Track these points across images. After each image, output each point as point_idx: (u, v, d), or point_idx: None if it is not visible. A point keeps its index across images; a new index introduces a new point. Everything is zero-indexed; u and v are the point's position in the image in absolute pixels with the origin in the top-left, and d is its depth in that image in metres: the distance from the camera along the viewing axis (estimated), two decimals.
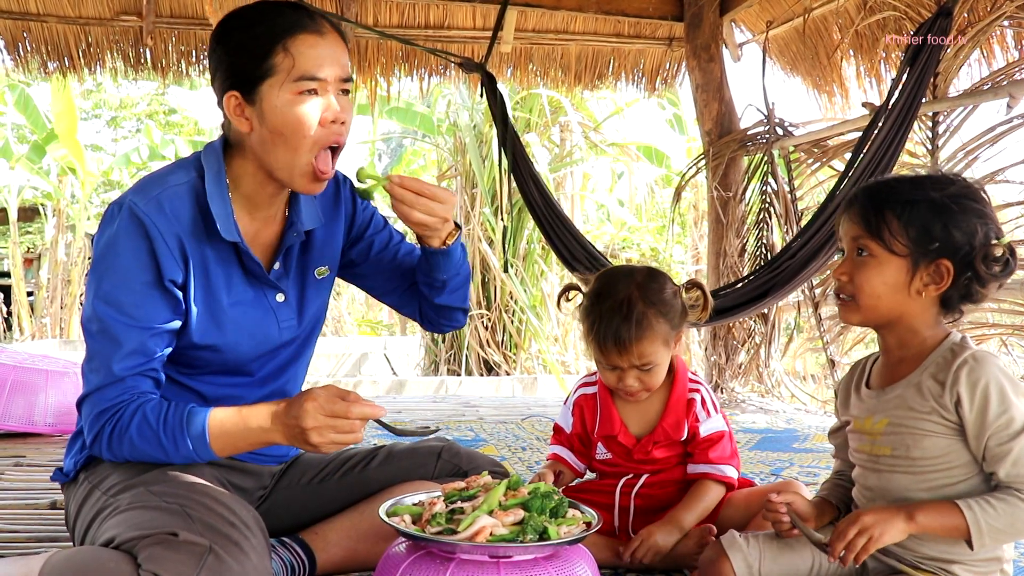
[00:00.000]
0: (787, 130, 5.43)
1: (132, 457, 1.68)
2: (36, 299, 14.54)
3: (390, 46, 5.96)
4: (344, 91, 1.71)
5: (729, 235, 5.64)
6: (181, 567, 1.43)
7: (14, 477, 3.01)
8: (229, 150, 1.78)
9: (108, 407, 1.66)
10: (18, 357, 3.97)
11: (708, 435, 2.14)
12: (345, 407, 1.55)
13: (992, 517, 1.50)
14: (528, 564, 1.51)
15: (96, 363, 1.68)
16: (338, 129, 1.69)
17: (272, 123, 1.66)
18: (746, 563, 1.72)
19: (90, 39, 5.62)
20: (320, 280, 1.93)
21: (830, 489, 1.84)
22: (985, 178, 4.25)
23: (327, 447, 1.57)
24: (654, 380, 2.09)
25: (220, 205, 1.72)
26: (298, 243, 1.87)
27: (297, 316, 1.88)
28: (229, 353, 1.80)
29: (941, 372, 1.58)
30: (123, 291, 1.66)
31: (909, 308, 1.62)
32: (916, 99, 3.89)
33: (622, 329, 2.01)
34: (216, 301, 1.76)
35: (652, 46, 6.24)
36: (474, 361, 9.07)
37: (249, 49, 1.66)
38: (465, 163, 9.25)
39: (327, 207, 1.94)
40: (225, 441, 1.65)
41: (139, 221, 1.66)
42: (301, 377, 2.02)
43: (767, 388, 5.64)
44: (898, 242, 1.59)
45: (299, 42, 1.65)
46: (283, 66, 1.64)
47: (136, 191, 1.70)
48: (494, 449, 3.69)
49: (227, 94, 1.69)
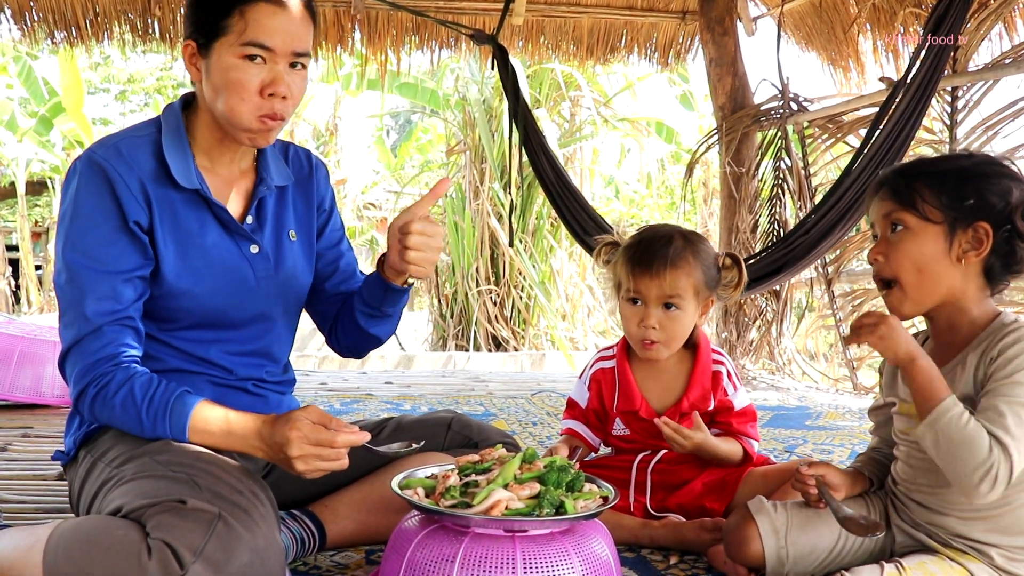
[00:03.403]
0: (801, 105, 5.36)
1: (111, 424, 1.69)
2: (44, 273, 14.58)
3: (400, 18, 5.89)
4: (295, 64, 1.74)
5: (742, 211, 5.59)
6: (190, 534, 1.41)
7: (21, 448, 2.99)
8: (190, 107, 1.83)
9: (92, 362, 1.65)
10: (26, 328, 3.94)
11: (741, 408, 2.14)
12: (330, 436, 1.55)
13: (956, 427, 1.45)
14: (544, 539, 1.47)
15: (70, 316, 1.68)
16: (279, 103, 1.72)
17: (214, 80, 1.71)
18: (773, 528, 1.70)
19: (97, 8, 5.56)
20: (293, 242, 1.93)
21: (864, 462, 1.82)
22: (1005, 153, 4.19)
23: (312, 473, 1.57)
24: (675, 330, 2.06)
25: (177, 153, 1.75)
26: (272, 198, 1.90)
27: (273, 267, 1.88)
28: (205, 299, 1.78)
29: (989, 348, 1.53)
30: (90, 237, 1.68)
31: (953, 280, 1.58)
32: (935, 73, 3.82)
33: (660, 252, 2.03)
34: (188, 243, 1.76)
35: (665, 19, 6.16)
36: (482, 337, 9.05)
37: (211, 5, 1.71)
38: (474, 138, 9.19)
39: (302, 180, 1.98)
40: (203, 438, 1.64)
41: (98, 166, 1.69)
42: (287, 344, 1.99)
43: (778, 366, 5.61)
44: (932, 208, 1.55)
45: (256, 9, 1.69)
46: (236, 28, 1.69)
47: (96, 145, 1.75)
48: (504, 424, 3.67)
49: (186, 41, 1.76)
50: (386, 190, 14.56)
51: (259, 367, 1.91)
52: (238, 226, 1.82)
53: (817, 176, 5.44)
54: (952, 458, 1.46)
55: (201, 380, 1.81)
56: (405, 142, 14.95)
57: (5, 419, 3.49)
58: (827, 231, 4.29)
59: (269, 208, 1.89)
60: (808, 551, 1.71)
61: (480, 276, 9.08)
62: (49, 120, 13.38)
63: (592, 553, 1.51)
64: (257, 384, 1.91)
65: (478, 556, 1.44)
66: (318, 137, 13.73)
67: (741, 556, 1.74)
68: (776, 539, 1.70)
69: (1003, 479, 1.42)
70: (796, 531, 1.70)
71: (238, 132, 1.75)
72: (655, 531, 2.04)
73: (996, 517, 1.56)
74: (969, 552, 1.58)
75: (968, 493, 1.47)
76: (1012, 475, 1.42)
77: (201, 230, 1.78)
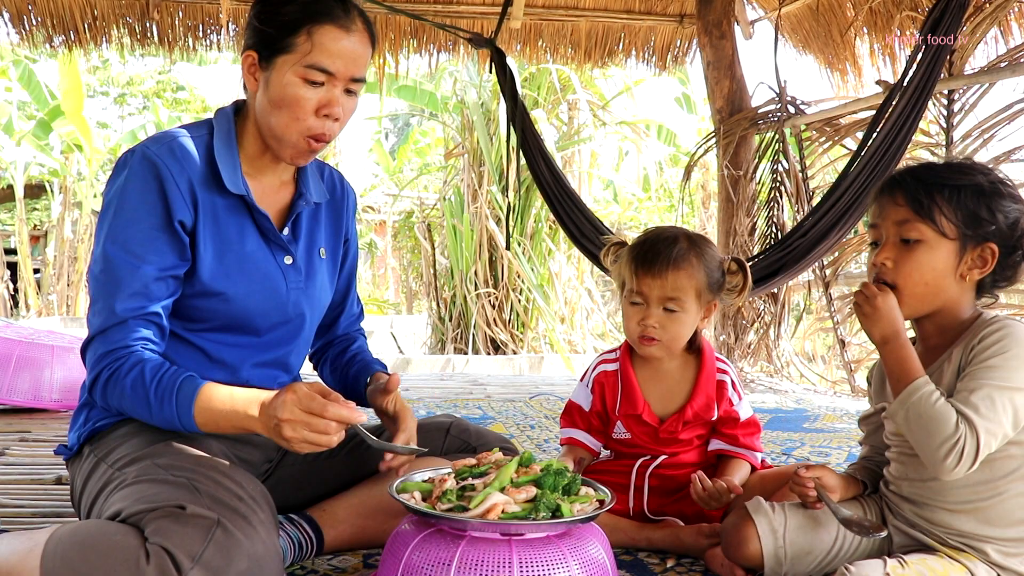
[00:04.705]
0: (799, 108, 5.37)
1: (120, 408, 1.69)
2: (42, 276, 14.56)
3: (399, 21, 5.90)
4: (350, 91, 1.77)
5: (739, 214, 5.60)
6: (189, 540, 1.41)
7: (20, 452, 2.99)
8: (241, 113, 1.85)
9: (111, 349, 1.66)
10: (24, 332, 3.94)
11: (747, 419, 2.14)
12: (322, 404, 1.51)
13: (927, 405, 1.49)
14: (540, 542, 1.48)
15: (99, 306, 1.69)
16: (329, 124, 1.75)
17: (272, 94, 1.73)
18: (771, 528, 1.71)
19: (95, 12, 5.57)
20: (323, 260, 1.95)
21: (857, 468, 1.84)
22: (1001, 157, 4.20)
23: (299, 444, 1.53)
24: (675, 330, 2.06)
25: (227, 158, 1.77)
26: (307, 213, 1.91)
27: (304, 280, 1.89)
28: (237, 303, 1.79)
29: (971, 341, 1.57)
30: (131, 231, 1.68)
31: (951, 294, 1.62)
32: (932, 77, 3.83)
33: (663, 253, 2.03)
34: (227, 247, 1.78)
35: (663, 23, 6.17)
36: (481, 340, 9.05)
37: (278, 21, 1.72)
38: (472, 141, 9.19)
39: (335, 201, 2.02)
40: (208, 416, 1.62)
41: (151, 163, 1.70)
42: (303, 356, 2.01)
43: (776, 368, 5.61)
44: (949, 224, 1.58)
45: (323, 32, 1.70)
46: (301, 48, 1.70)
47: (150, 140, 1.75)
48: (502, 427, 3.67)
49: (247, 51, 1.77)
50: (385, 193, 14.55)
51: (273, 379, 1.91)
52: (277, 235, 1.83)
53: (814, 179, 5.45)
54: (921, 433, 1.50)
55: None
56: (404, 145, 14.93)
57: (3, 423, 3.49)
58: (824, 234, 4.29)
59: (304, 223, 1.92)
60: (806, 551, 1.72)
61: (478, 279, 9.07)
62: (48, 123, 13.37)
63: (589, 556, 1.51)
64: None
65: (474, 560, 1.44)
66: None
67: (739, 556, 1.75)
68: (774, 539, 1.71)
69: (968, 455, 1.46)
70: (794, 531, 1.71)
71: (283, 148, 1.77)
72: (652, 534, 2.04)
73: (985, 508, 1.58)
74: (966, 549, 1.59)
75: (935, 468, 1.50)
76: (979, 452, 1.46)
77: (240, 236, 1.80)
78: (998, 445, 1.49)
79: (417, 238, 11.20)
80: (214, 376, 1.79)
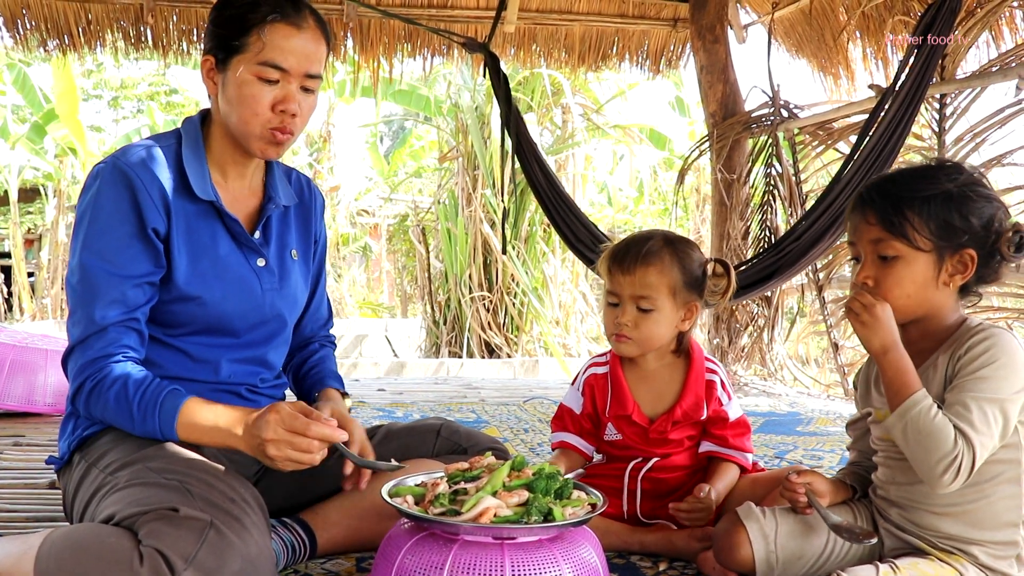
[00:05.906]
0: (792, 112, 5.38)
1: (103, 419, 1.72)
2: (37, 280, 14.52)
3: (393, 26, 5.90)
4: (306, 88, 1.81)
5: (733, 218, 5.61)
6: (182, 542, 1.42)
7: (13, 456, 2.99)
8: (207, 121, 1.90)
9: (93, 359, 1.70)
10: (18, 336, 3.94)
11: (736, 419, 2.14)
12: (304, 424, 1.57)
13: (925, 419, 1.50)
14: (532, 546, 1.49)
15: (78, 315, 1.73)
16: (288, 119, 1.79)
17: (229, 93, 1.79)
18: (762, 533, 1.72)
19: (90, 16, 5.57)
20: (295, 261, 1.99)
21: (846, 474, 1.85)
22: (993, 161, 4.22)
23: (283, 463, 1.58)
24: (648, 328, 2.07)
25: (196, 166, 1.82)
26: (276, 216, 1.96)
27: (278, 281, 1.93)
28: (213, 307, 1.82)
29: (957, 349, 1.58)
30: (106, 239, 1.72)
31: (935, 301, 1.63)
32: (924, 81, 3.84)
33: (633, 249, 2.06)
34: (201, 252, 1.81)
35: (656, 27, 6.19)
36: (475, 343, 9.05)
37: (231, 23, 1.77)
38: (467, 144, 9.19)
39: (303, 204, 2.06)
40: (191, 432, 1.66)
41: (122, 173, 1.74)
42: (283, 354, 2.04)
43: (770, 371, 5.62)
44: (923, 238, 1.58)
45: (274, 30, 1.75)
46: (254, 47, 1.75)
47: (119, 152, 1.80)
48: (496, 431, 3.68)
49: (205, 56, 1.83)
50: (379, 196, 14.54)
51: (254, 374, 1.94)
52: (248, 239, 1.87)
53: (808, 183, 5.47)
54: (920, 448, 1.51)
55: (197, 387, 1.82)
56: (398, 149, 14.91)
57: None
58: (818, 237, 4.31)
59: (274, 226, 1.96)
60: (797, 556, 1.73)
61: (473, 283, 9.07)
62: (42, 127, 13.32)
63: (581, 560, 1.52)
64: (250, 389, 1.94)
65: (467, 563, 1.45)
66: (312, 144, 13.71)
67: (731, 561, 1.75)
68: (766, 544, 1.71)
69: (965, 470, 1.48)
70: (785, 536, 1.72)
71: (249, 141, 1.81)
72: (645, 538, 2.05)
73: (972, 512, 1.59)
74: (956, 552, 1.60)
75: (932, 483, 1.52)
76: (974, 466, 1.48)
77: (213, 241, 1.83)
78: (988, 455, 1.51)
79: (412, 242, 11.20)
80: (198, 374, 1.84)
